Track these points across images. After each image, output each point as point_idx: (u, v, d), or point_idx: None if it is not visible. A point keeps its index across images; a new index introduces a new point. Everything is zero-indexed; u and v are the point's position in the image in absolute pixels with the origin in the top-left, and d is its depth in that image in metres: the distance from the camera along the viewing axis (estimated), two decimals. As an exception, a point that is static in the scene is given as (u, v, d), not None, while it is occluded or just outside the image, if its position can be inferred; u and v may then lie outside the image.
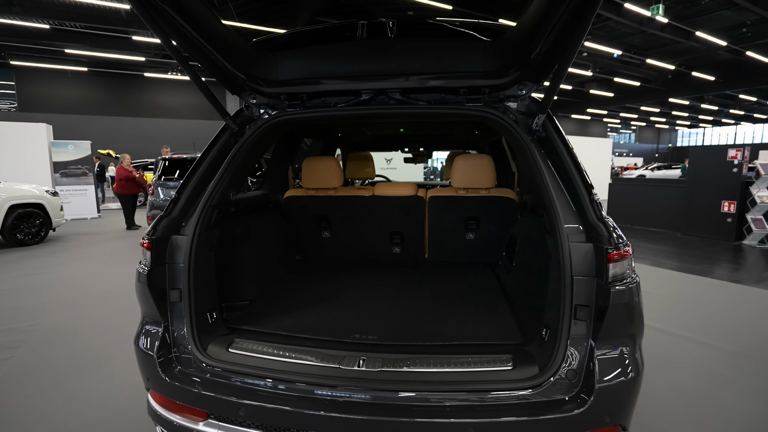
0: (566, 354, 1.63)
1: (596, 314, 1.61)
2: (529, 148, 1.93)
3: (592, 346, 1.61)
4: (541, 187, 1.86)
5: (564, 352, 1.63)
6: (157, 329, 1.89)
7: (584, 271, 1.64)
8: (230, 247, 2.61)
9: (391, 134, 4.70)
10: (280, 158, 3.63)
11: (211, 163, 2.17)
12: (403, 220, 3.27)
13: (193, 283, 1.91)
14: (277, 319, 2.24)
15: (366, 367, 1.70)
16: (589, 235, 1.70)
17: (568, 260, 1.65)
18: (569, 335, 1.63)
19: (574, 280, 1.64)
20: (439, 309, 2.40)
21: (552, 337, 1.73)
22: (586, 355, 1.62)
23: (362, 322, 2.21)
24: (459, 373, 1.69)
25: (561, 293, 1.67)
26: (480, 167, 3.00)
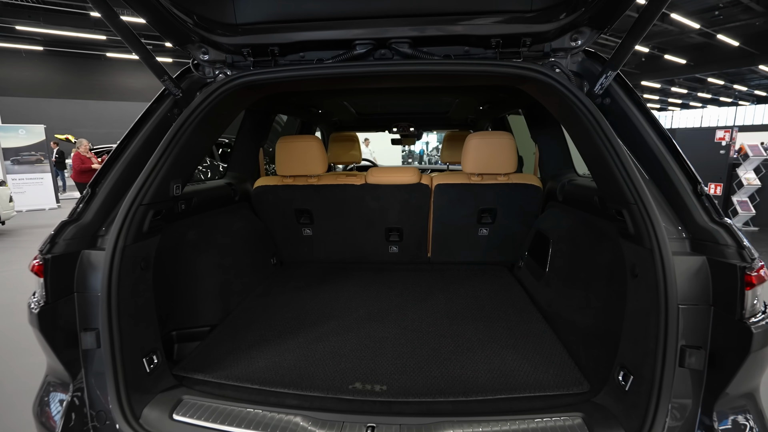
0: (667, 417, 1.11)
1: (713, 360, 1.12)
2: (596, 119, 1.37)
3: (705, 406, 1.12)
4: (618, 175, 1.31)
5: (666, 415, 1.13)
6: (64, 392, 1.29)
7: (694, 298, 1.15)
8: (179, 256, 1.98)
9: (385, 108, 4.06)
10: (247, 138, 2.96)
11: (143, 144, 1.53)
12: (402, 214, 2.69)
13: (117, 318, 1.30)
14: (246, 359, 1.65)
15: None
16: (697, 245, 1.20)
17: (673, 281, 1.11)
18: (672, 389, 1.12)
19: (680, 310, 1.11)
20: (462, 335, 1.85)
21: (640, 387, 1.21)
22: (697, 421, 1.13)
23: (363, 359, 1.64)
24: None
25: (656, 326, 1.15)
26: (499, 148, 2.43)
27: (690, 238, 1.24)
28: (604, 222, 1.90)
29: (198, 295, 2.03)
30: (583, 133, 1.46)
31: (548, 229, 2.36)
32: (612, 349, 1.61)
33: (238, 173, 2.88)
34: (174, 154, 1.50)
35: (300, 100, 3.08)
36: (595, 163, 1.49)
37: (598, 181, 1.53)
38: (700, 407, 1.16)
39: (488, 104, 3.31)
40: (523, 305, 2.16)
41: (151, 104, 1.61)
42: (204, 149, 1.77)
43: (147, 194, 1.42)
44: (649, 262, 1.21)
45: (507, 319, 2.00)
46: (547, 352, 1.68)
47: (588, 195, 2.08)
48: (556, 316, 2.00)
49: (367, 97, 3.09)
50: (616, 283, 1.74)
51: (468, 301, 2.24)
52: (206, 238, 2.14)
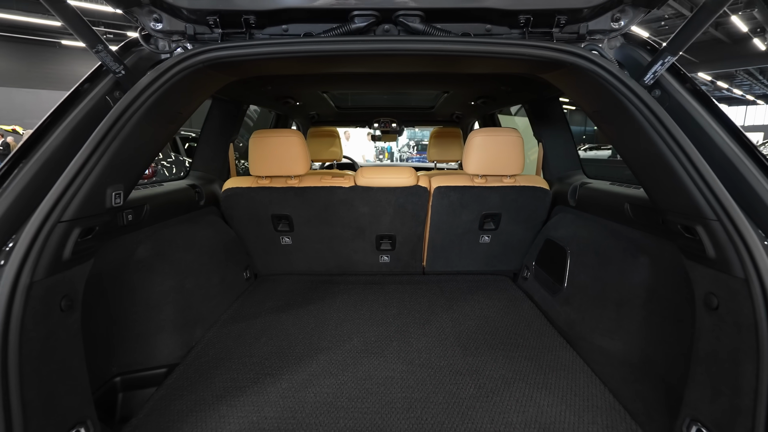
0: None
1: None
2: (657, 115, 1.08)
3: None
4: (690, 184, 1.03)
5: None
6: None
7: None
8: (126, 280, 1.58)
9: (367, 101, 3.71)
10: (214, 132, 2.54)
11: (68, 137, 1.12)
12: (396, 220, 2.35)
13: (17, 391, 0.90)
14: (214, 420, 1.27)
15: None
16: None
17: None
18: None
19: None
20: (481, 371, 1.53)
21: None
22: None
23: (366, 414, 1.30)
24: None
25: (754, 378, 0.90)
26: (506, 147, 2.13)
27: None
28: (640, 234, 1.63)
29: (151, 329, 1.63)
30: (632, 132, 1.17)
31: (563, 237, 2.09)
32: (663, 385, 1.34)
33: (204, 173, 2.46)
34: (112, 151, 1.10)
35: (276, 90, 2.69)
36: (650, 169, 1.20)
37: (654, 190, 1.24)
38: None
39: (484, 98, 3.01)
40: (540, 326, 1.88)
41: (80, 83, 1.19)
42: (156, 145, 1.37)
43: (70, 207, 1.02)
44: (741, 296, 0.94)
45: (527, 346, 1.71)
46: (586, 391, 1.39)
47: (613, 202, 1.81)
48: (581, 340, 1.73)
49: (352, 84, 2.72)
50: (661, 305, 1.48)
51: (477, 322, 1.93)
52: (162, 255, 1.73)
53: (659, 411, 1.27)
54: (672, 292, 1.43)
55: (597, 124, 1.42)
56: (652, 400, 1.32)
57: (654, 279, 1.53)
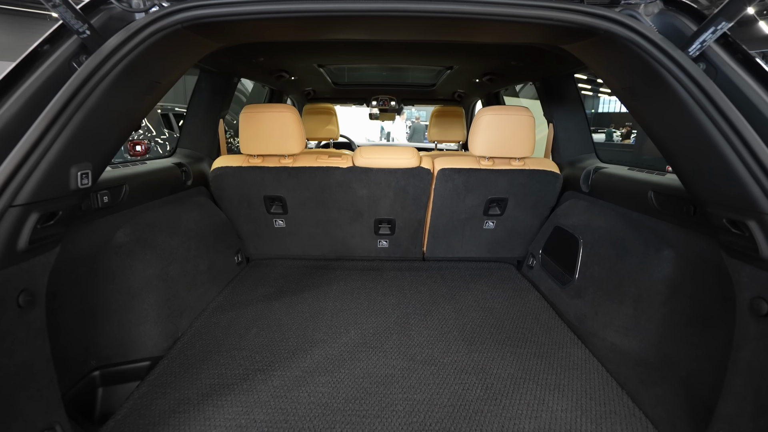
0: None
1: None
2: (706, 91, 0.94)
3: None
4: (743, 171, 0.90)
5: None
6: None
7: None
8: (103, 267, 1.44)
9: (365, 77, 3.52)
10: (203, 107, 2.36)
11: (24, 108, 0.95)
12: (396, 203, 2.22)
13: None
14: (200, 422, 1.16)
15: None
16: None
17: None
18: None
19: None
20: (487, 369, 1.43)
21: None
22: None
23: (365, 417, 1.19)
24: None
25: None
26: (517, 127, 1.99)
27: None
28: (665, 225, 1.51)
29: (132, 319, 1.50)
30: (671, 112, 1.03)
31: (574, 225, 1.97)
32: (685, 390, 1.25)
33: (192, 150, 2.29)
34: (75, 124, 0.95)
35: (269, 62, 2.50)
36: (691, 153, 1.06)
37: (695, 177, 1.10)
38: None
39: (490, 75, 2.84)
40: (548, 320, 1.78)
41: (39, 44, 1.02)
42: (130, 120, 1.20)
43: (24, 188, 0.88)
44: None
45: (535, 341, 1.61)
46: (602, 394, 1.30)
47: (634, 189, 1.69)
48: (592, 336, 1.63)
49: (350, 56, 2.53)
50: (684, 304, 1.37)
51: (481, 314, 1.83)
52: (144, 240, 1.59)
53: (683, 419, 1.18)
54: (700, 290, 1.32)
55: (626, 102, 1.28)
56: (674, 406, 1.23)
57: (679, 275, 1.41)
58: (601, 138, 19.54)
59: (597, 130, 22.41)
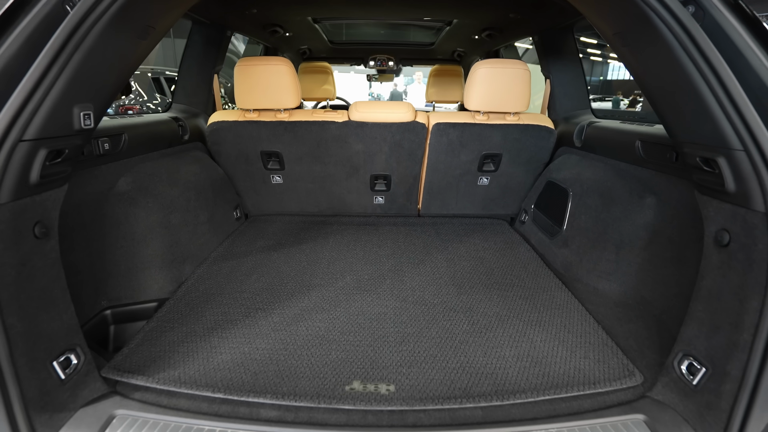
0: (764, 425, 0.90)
1: None
2: (690, 33, 0.96)
3: None
4: (717, 111, 0.95)
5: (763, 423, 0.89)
6: None
7: None
8: (108, 213, 1.50)
9: (362, 35, 3.47)
10: (196, 61, 2.35)
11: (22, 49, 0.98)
12: (392, 158, 2.25)
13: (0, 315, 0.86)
14: (205, 351, 1.25)
15: None
16: None
17: None
18: None
19: None
20: (475, 308, 1.52)
21: (720, 385, 0.96)
22: None
23: (359, 346, 1.29)
24: None
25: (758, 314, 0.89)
26: (512, 81, 2.00)
27: None
28: (650, 173, 1.57)
29: (138, 263, 1.57)
30: (657, 55, 1.06)
31: (565, 179, 2.02)
32: (657, 324, 1.35)
33: (187, 105, 2.30)
34: (75, 64, 0.98)
35: (262, 14, 2.46)
36: (672, 95, 1.10)
37: (674, 119, 1.15)
38: None
39: (489, 31, 2.81)
40: (535, 268, 1.86)
41: None
42: (127, 64, 1.22)
43: (31, 125, 0.92)
44: (758, 230, 0.90)
45: (522, 285, 1.70)
46: (579, 329, 1.39)
47: (623, 140, 1.73)
48: (576, 282, 1.72)
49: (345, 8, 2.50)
50: (662, 247, 1.45)
51: (472, 263, 1.91)
52: (145, 189, 1.64)
53: (651, 348, 1.27)
54: (677, 234, 1.39)
55: (617, 49, 1.30)
56: (645, 338, 1.33)
57: (659, 220, 1.49)
58: (608, 106, 19.19)
59: (605, 98, 22.01)
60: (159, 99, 6.98)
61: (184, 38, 2.34)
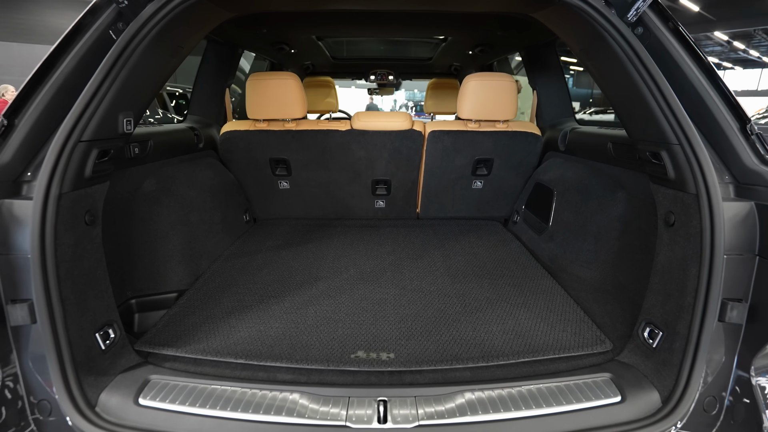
0: (704, 374, 1.07)
1: (754, 313, 1.07)
2: (635, 50, 1.17)
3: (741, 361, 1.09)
4: (658, 112, 1.15)
5: (702, 372, 1.07)
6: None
7: (738, 247, 1.07)
8: (135, 211, 1.67)
9: (363, 52, 3.69)
10: (210, 76, 2.55)
11: (78, 66, 1.16)
12: (391, 164, 2.43)
13: (56, 285, 1.02)
14: (225, 329, 1.40)
15: (394, 423, 0.99)
16: (744, 189, 1.10)
17: (721, 229, 1.03)
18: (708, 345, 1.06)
19: (725, 260, 1.03)
20: (467, 294, 1.68)
21: (672, 344, 1.14)
22: (732, 376, 1.10)
23: (362, 324, 1.44)
24: (547, 420, 1.02)
25: (696, 279, 1.07)
26: (500, 91, 2.19)
27: (735, 182, 1.12)
28: (620, 171, 1.75)
29: (160, 257, 1.73)
30: (613, 68, 1.27)
31: (551, 180, 2.20)
32: (630, 305, 1.50)
33: (201, 117, 2.49)
34: (122, 78, 1.16)
35: (271, 33, 2.67)
36: (626, 101, 1.31)
37: (629, 121, 1.35)
38: (736, 362, 1.09)
39: (481, 47, 3.02)
40: (525, 261, 2.02)
41: (83, 15, 1.22)
42: (159, 77, 1.41)
43: (88, 128, 1.10)
44: (692, 209, 1.09)
45: (511, 275, 1.86)
46: (560, 309, 1.55)
47: (598, 143, 1.92)
48: (562, 272, 1.88)
49: (347, 26, 2.71)
50: (633, 235, 1.62)
51: (466, 258, 2.07)
52: (167, 190, 1.81)
53: (624, 324, 1.43)
54: (643, 222, 1.57)
55: (583, 63, 1.49)
56: (618, 316, 1.49)
57: (629, 211, 1.66)
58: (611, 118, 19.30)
59: (606, 110, 22.25)
60: (161, 114, 7.20)
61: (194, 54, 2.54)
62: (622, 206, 1.69)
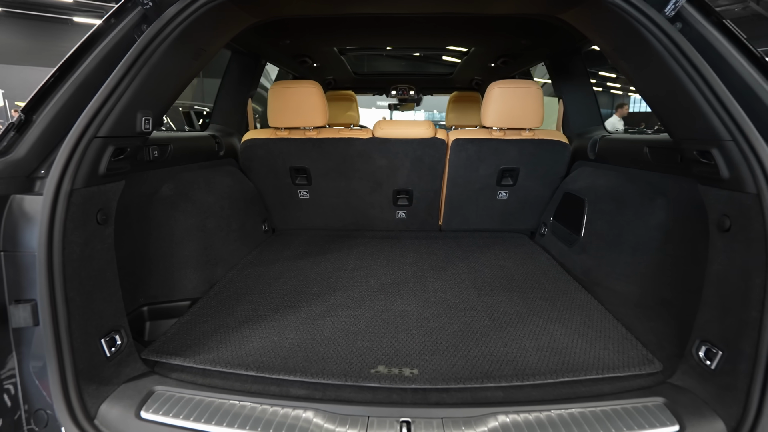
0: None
1: None
2: (678, 44, 1.08)
3: None
4: (707, 108, 1.04)
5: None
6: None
7: None
8: (151, 215, 1.63)
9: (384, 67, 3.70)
10: (233, 86, 2.56)
11: (100, 65, 1.14)
12: (413, 174, 2.36)
13: (62, 286, 0.97)
14: (237, 339, 1.33)
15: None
16: None
17: None
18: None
19: None
20: (495, 307, 1.57)
21: (735, 365, 0.99)
22: None
23: (383, 337, 1.34)
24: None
25: (762, 289, 0.93)
26: (525, 99, 2.11)
27: None
28: (659, 176, 1.63)
29: (175, 263, 1.68)
30: (650, 65, 1.17)
31: (581, 189, 2.08)
32: (677, 321, 1.36)
33: (223, 126, 2.49)
34: (141, 77, 1.14)
35: (294, 45, 2.68)
36: (667, 99, 1.21)
37: (671, 120, 1.24)
38: None
39: (504, 58, 2.97)
40: (555, 274, 1.89)
41: (107, 17, 1.21)
42: (181, 80, 1.39)
43: (105, 124, 1.07)
44: (753, 211, 0.97)
45: (541, 289, 1.73)
46: (599, 325, 1.42)
47: (633, 148, 1.81)
48: (596, 286, 1.75)
49: (369, 38, 2.70)
50: (676, 245, 1.49)
51: (493, 270, 1.96)
52: (185, 195, 1.77)
53: (672, 342, 1.29)
54: (689, 230, 1.43)
55: (615, 62, 1.41)
56: (665, 334, 1.34)
57: (671, 219, 1.53)
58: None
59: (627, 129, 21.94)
60: (187, 130, 7.41)
61: (213, 77, 2.58)
62: (663, 214, 1.56)
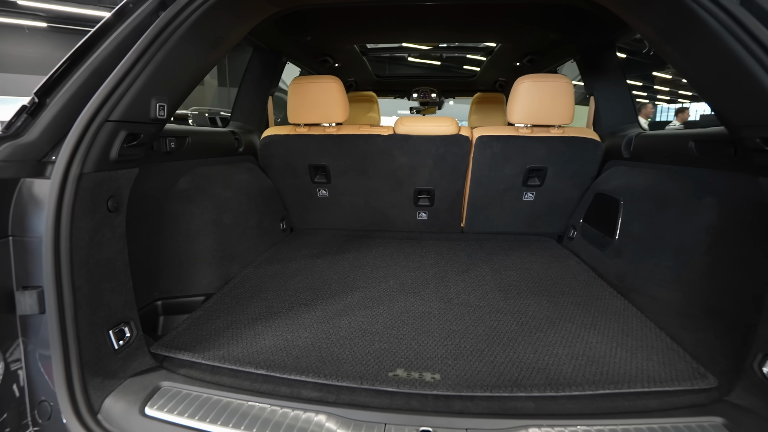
0: None
1: None
2: (737, 18, 0.96)
3: None
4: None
5: None
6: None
7: None
8: (167, 208, 1.60)
9: (405, 70, 3.65)
10: (254, 83, 2.55)
11: (116, 50, 1.12)
12: (435, 172, 2.27)
13: (69, 273, 0.93)
14: (249, 336, 1.27)
15: None
16: None
17: None
18: None
19: None
20: (523, 311, 1.45)
21: None
22: None
23: (403, 339, 1.26)
24: None
25: None
26: (555, 94, 2.00)
27: None
28: (707, 172, 1.48)
29: (190, 258, 1.65)
30: (703, 46, 1.06)
31: (615, 189, 1.94)
32: (730, 332, 1.21)
33: (243, 123, 2.48)
34: (156, 62, 1.11)
35: (315, 43, 2.66)
36: (724, 83, 1.08)
37: (729, 106, 1.11)
38: None
39: (531, 56, 2.86)
40: (587, 278, 1.76)
41: (125, 2, 1.20)
42: (198, 69, 1.36)
43: (117, 108, 1.04)
44: None
45: (573, 293, 1.61)
46: (639, 334, 1.28)
47: (676, 144, 1.66)
48: (633, 292, 1.60)
49: (391, 34, 2.64)
50: (727, 249, 1.34)
51: (519, 273, 1.84)
52: (202, 189, 1.75)
53: (725, 356, 1.14)
54: (743, 232, 1.29)
55: (659, 47, 1.29)
56: (716, 347, 1.20)
57: (722, 220, 1.38)
58: None
59: None
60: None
61: (235, 85, 2.60)
62: (711, 214, 1.42)
